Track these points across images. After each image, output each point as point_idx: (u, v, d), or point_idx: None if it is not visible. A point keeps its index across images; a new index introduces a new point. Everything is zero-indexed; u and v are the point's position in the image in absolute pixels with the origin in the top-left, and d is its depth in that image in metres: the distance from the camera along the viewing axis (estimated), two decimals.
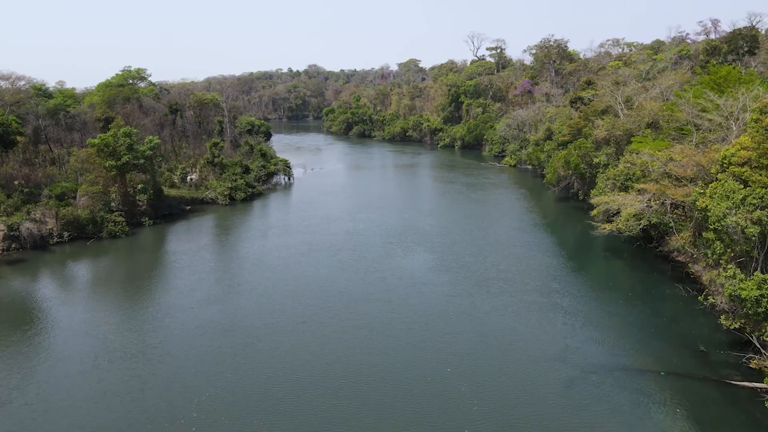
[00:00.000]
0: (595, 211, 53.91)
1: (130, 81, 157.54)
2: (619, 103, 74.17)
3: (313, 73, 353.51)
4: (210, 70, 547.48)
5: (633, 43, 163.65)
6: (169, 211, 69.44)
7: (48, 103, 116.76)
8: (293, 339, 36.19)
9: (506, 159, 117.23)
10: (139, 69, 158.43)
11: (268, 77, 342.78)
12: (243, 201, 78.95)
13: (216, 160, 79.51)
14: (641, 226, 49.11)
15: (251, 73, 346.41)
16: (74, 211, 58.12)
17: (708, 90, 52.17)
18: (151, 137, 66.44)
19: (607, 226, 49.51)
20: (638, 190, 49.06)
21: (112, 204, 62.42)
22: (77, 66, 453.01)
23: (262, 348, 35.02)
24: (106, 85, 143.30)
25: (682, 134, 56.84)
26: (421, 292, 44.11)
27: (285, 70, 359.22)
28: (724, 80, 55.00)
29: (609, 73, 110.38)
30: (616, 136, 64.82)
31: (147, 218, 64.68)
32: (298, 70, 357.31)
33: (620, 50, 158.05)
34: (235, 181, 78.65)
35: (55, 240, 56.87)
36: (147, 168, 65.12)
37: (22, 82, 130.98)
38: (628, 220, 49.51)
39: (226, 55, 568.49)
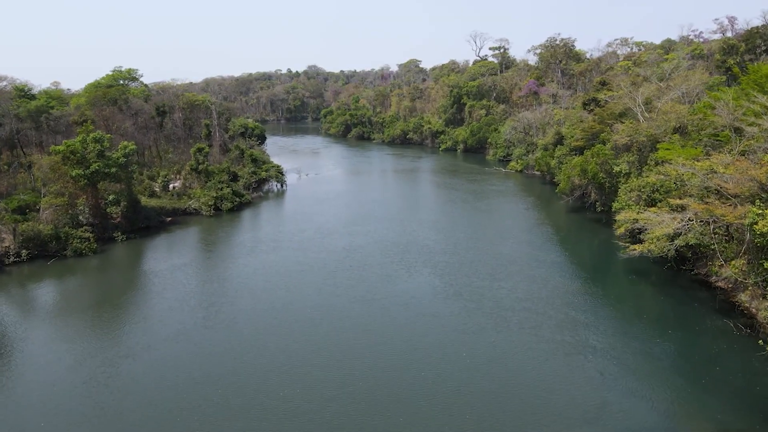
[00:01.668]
0: (620, 229, 47.72)
1: (121, 81, 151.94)
2: (639, 106, 68.03)
3: (313, 74, 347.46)
4: (209, 71, 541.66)
5: (642, 42, 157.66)
6: (147, 224, 63.10)
7: (29, 105, 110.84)
8: (274, 397, 29.89)
9: (512, 164, 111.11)
10: (130, 69, 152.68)
11: (267, 78, 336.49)
12: (230, 211, 72.54)
13: (200, 167, 73.18)
14: (676, 248, 42.85)
15: (250, 74, 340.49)
16: (35, 226, 51.81)
17: (751, 90, 45.95)
18: (125, 143, 60.13)
19: (637, 248, 43.23)
20: (675, 207, 42.80)
21: (80, 217, 56.04)
22: (75, 67, 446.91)
23: (235, 407, 28.73)
24: (95, 86, 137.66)
25: (718, 141, 50.72)
26: (429, 327, 37.86)
27: (284, 71, 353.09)
28: (767, 80, 48.75)
29: (618, 73, 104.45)
30: (639, 142, 58.64)
31: (120, 233, 58.34)
32: (297, 71, 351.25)
33: (629, 50, 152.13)
34: (221, 189, 72.23)
35: (11, 259, 50.56)
36: (121, 177, 58.87)
37: (4, 83, 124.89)
38: (659, 240, 43.32)
39: (225, 57, 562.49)
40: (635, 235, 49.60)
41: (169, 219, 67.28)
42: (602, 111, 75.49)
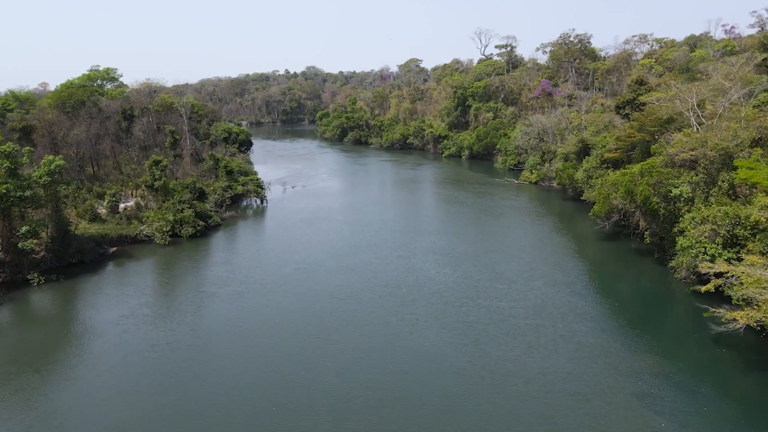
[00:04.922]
0: (708, 286, 34.80)
1: (99, 81, 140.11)
2: (693, 110, 55.33)
3: (311, 75, 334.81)
4: (208, 73, 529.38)
5: (663, 39, 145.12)
6: (80, 258, 49.96)
7: None
8: None
9: (525, 174, 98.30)
10: (108, 69, 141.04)
11: (263, 79, 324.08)
12: (192, 238, 59.33)
13: (156, 183, 59.94)
14: None
15: (247, 75, 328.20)
16: None
17: None
18: (50, 157, 47.18)
19: (741, 318, 30.22)
20: None
21: None
22: (74, 70, 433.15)
23: None
24: (67, 86, 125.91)
25: None
26: None
27: (282, 72, 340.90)
28: None
29: (641, 72, 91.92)
30: (709, 157, 45.69)
31: (37, 273, 45.19)
32: (295, 72, 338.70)
33: (648, 47, 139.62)
34: (181, 211, 59.01)
35: None
36: (43, 200, 45.96)
37: None
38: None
39: (225, 58, 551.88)
40: (696, 272, 36.96)
41: (113, 249, 54.15)
42: (643, 116, 62.59)
